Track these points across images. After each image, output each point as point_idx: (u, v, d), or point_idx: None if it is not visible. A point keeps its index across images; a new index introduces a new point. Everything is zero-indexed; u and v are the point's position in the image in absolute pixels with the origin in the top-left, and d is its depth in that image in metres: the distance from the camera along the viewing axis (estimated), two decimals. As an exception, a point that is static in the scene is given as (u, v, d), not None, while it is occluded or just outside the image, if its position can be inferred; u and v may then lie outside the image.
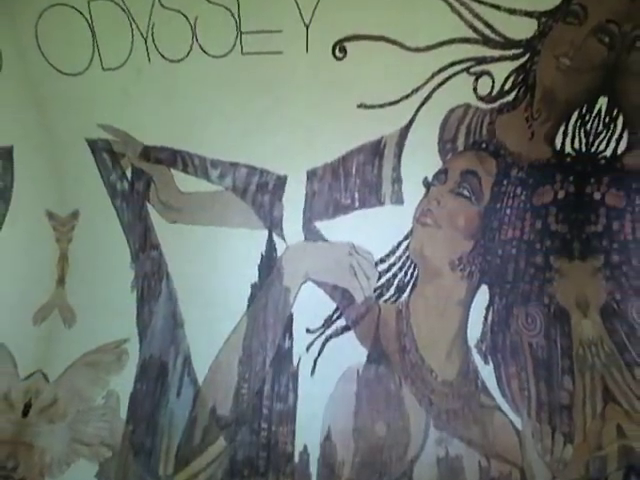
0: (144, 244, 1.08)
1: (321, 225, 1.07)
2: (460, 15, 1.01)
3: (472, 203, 1.01)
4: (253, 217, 1.09)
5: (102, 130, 1.09)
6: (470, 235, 1.02)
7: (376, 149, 1.06)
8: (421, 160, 1.02)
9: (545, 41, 1.03)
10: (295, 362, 1.07)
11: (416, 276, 1.04)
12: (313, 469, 1.03)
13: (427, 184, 1.03)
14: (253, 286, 1.10)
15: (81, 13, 1.05)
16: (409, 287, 1.05)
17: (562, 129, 1.02)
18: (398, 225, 1.04)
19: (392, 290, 1.07)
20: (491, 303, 1.00)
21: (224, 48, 1.02)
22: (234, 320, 1.10)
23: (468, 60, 1.04)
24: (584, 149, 1.03)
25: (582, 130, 1.04)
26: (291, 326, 1.09)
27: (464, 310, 1.00)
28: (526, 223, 1.03)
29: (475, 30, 1.02)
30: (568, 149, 1.03)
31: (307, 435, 1.05)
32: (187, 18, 1.02)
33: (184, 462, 1.09)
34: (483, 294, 0.99)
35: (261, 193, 1.09)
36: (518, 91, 1.05)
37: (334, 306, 1.07)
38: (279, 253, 1.10)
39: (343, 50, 1.01)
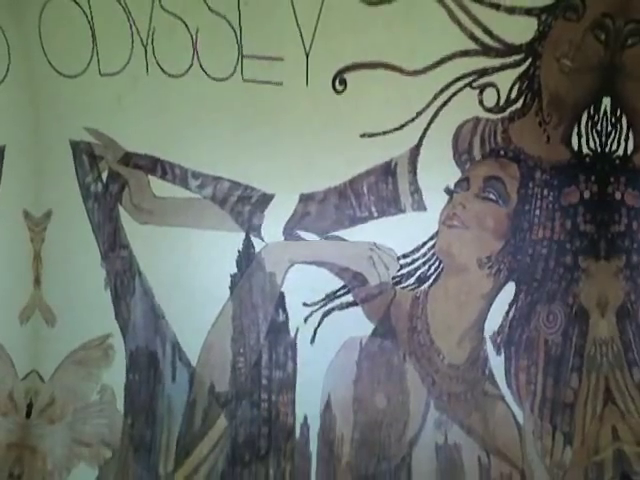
0: (114, 244, 1.16)
1: (341, 234, 1.11)
2: (459, 23, 1.03)
3: (500, 206, 1.05)
4: (229, 222, 1.13)
5: (87, 133, 1.16)
6: (500, 235, 1.06)
7: (387, 170, 1.08)
8: (439, 172, 1.06)
9: (545, 43, 1.04)
10: (292, 333, 1.10)
11: (440, 271, 1.09)
12: (313, 447, 1.08)
13: (449, 192, 1.07)
14: (233, 276, 1.13)
15: (81, 7, 1.11)
16: (431, 279, 1.09)
17: (576, 130, 1.05)
18: (422, 228, 1.08)
19: (413, 280, 1.10)
20: (515, 299, 1.05)
21: (225, 71, 1.08)
22: (218, 306, 1.13)
23: (469, 74, 1.05)
24: (599, 149, 1.05)
25: (594, 130, 1.05)
26: (283, 303, 1.11)
27: (486, 303, 1.06)
28: (556, 223, 1.05)
29: (474, 39, 1.03)
30: (585, 149, 1.05)
31: (307, 405, 1.09)
32: (188, 27, 1.08)
33: (184, 454, 1.14)
34: (508, 290, 1.05)
35: (242, 204, 1.12)
36: (525, 98, 1.06)
37: (338, 284, 1.10)
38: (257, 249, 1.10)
39: (343, 82, 1.06)
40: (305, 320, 1.06)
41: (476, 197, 1.03)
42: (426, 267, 1.06)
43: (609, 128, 1.01)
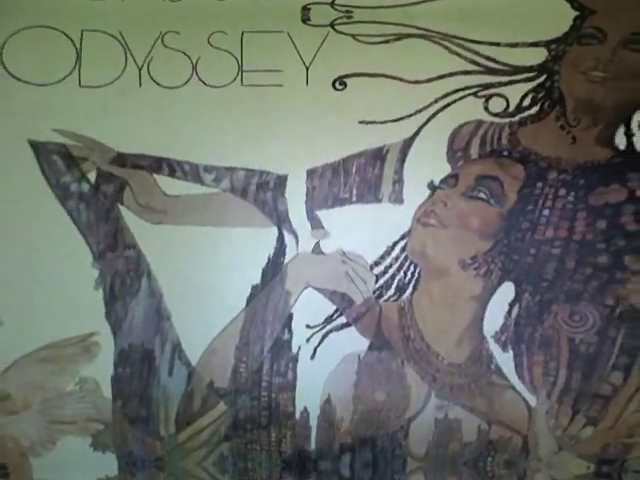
0: (114, 244, 1.13)
1: (320, 214, 1.13)
2: (459, 55, 1.04)
3: (491, 205, 1.06)
4: (257, 215, 1.12)
5: (58, 135, 1.08)
6: (488, 235, 1.06)
7: (378, 154, 1.08)
8: (427, 165, 1.07)
9: (562, 63, 1.03)
10: (295, 350, 1.14)
11: (417, 275, 1.10)
12: (313, 423, 1.13)
13: (433, 187, 1.07)
14: (254, 287, 1.14)
15: (71, 40, 1.07)
16: (410, 286, 1.11)
17: (622, 130, 1.05)
18: (395, 224, 1.09)
19: (392, 290, 1.12)
20: (518, 299, 1.08)
21: (224, 81, 1.06)
22: (230, 315, 1.14)
23: (474, 87, 1.04)
24: None
25: None
26: (290, 323, 1.15)
27: (479, 305, 1.09)
28: (578, 223, 1.06)
29: (477, 64, 1.03)
30: (639, 148, 1.05)
31: (307, 400, 1.14)
32: (189, 57, 1.06)
33: (185, 424, 1.17)
34: (506, 290, 1.09)
35: (263, 191, 1.11)
36: (542, 105, 1.04)
37: (333, 308, 1.14)
38: (287, 257, 1.13)
39: (343, 84, 1.05)
40: (307, 340, 1.10)
41: (462, 195, 1.02)
42: (402, 274, 1.07)
43: None
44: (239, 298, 1.09)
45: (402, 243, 1.06)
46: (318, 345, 1.08)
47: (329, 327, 1.09)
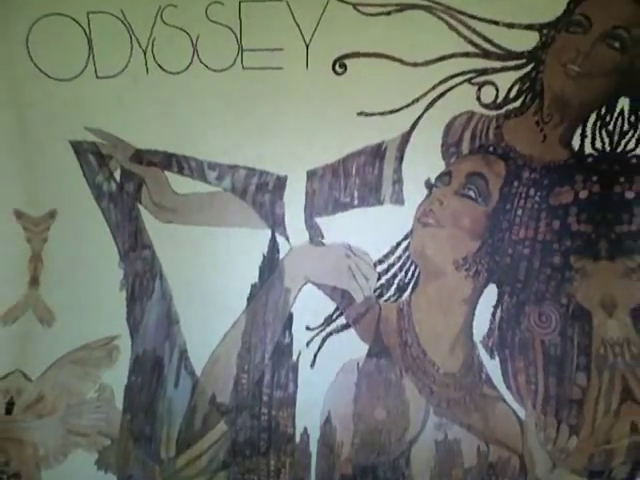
0: (134, 244, 1.21)
1: (320, 222, 1.17)
2: (458, 32, 1.09)
3: (478, 204, 1.09)
4: (254, 216, 1.19)
5: (89, 133, 1.21)
6: (477, 235, 1.10)
7: (377, 152, 1.14)
8: (423, 162, 1.14)
9: (549, 51, 1.08)
10: (295, 356, 1.19)
11: (417, 276, 1.16)
12: (313, 449, 1.17)
13: (429, 185, 1.13)
14: (253, 286, 1.21)
15: (79, 24, 1.17)
16: (410, 287, 1.17)
17: (579, 131, 1.10)
18: (398, 225, 1.14)
19: (392, 290, 1.17)
20: (500, 302, 1.13)
21: (225, 63, 1.15)
22: (232, 318, 1.21)
23: (469, 72, 1.10)
24: (608, 149, 1.10)
25: (604, 131, 1.09)
26: (291, 324, 1.20)
27: (469, 308, 1.15)
28: (541, 223, 1.09)
29: (474, 45, 1.09)
30: (589, 150, 1.11)
31: (307, 419, 1.16)
32: (189, 35, 1.15)
33: (185, 446, 1.20)
34: (491, 293, 1.14)
35: (261, 193, 1.19)
36: (525, 98, 1.10)
37: (334, 306, 1.19)
38: (282, 254, 1.20)
39: (343, 66, 1.12)
40: (307, 344, 1.20)
41: (455, 193, 1.11)
42: (403, 273, 1.17)
43: (626, 127, 1.08)
44: (240, 299, 1.21)
45: (405, 243, 1.14)
46: (318, 350, 1.18)
47: (329, 329, 1.19)
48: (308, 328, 1.16)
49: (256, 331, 1.18)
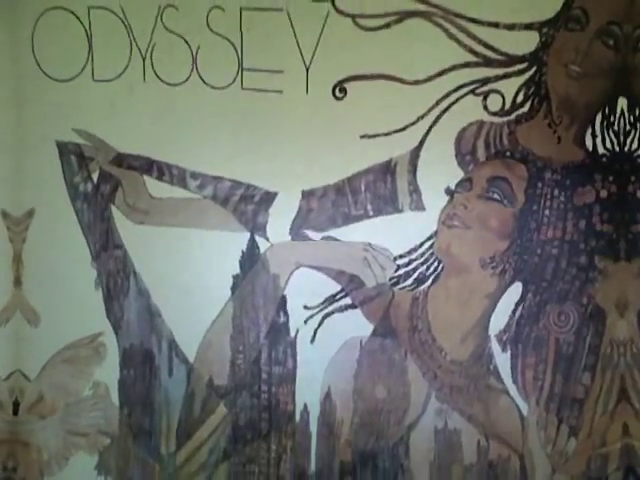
0: (106, 244, 1.23)
1: (335, 232, 1.14)
2: (458, 40, 1.09)
3: (505, 206, 1.11)
4: (233, 222, 1.19)
5: (75, 134, 1.22)
6: (505, 235, 1.11)
7: (386, 169, 1.13)
8: (440, 173, 1.12)
9: (550, 52, 1.08)
10: (293, 333, 1.18)
11: (439, 271, 1.16)
12: (313, 428, 1.16)
13: (450, 192, 1.13)
14: (235, 277, 1.19)
15: (79, 20, 1.15)
16: (430, 280, 1.17)
17: (589, 131, 1.11)
18: (420, 228, 1.14)
19: (410, 281, 1.16)
20: (523, 299, 1.14)
21: (224, 81, 1.14)
22: (217, 306, 1.20)
23: (471, 83, 1.09)
24: (617, 149, 1.10)
25: (610, 130, 1.10)
26: (285, 305, 1.19)
27: (490, 303, 1.15)
28: (568, 223, 1.10)
29: (475, 53, 1.09)
30: (601, 149, 1.12)
31: (307, 395, 1.16)
32: (189, 45, 1.14)
33: (186, 436, 1.21)
34: (515, 290, 1.14)
35: (245, 203, 1.18)
36: (532, 102, 1.10)
37: (337, 287, 1.17)
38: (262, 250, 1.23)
39: (343, 90, 1.11)
40: (305, 322, 1.20)
41: (479, 197, 1.12)
42: (424, 267, 1.17)
43: (627, 127, 1.09)
44: (223, 289, 1.22)
45: (429, 243, 1.14)
46: (318, 327, 1.18)
47: (331, 308, 1.19)
48: (306, 307, 1.16)
49: (246, 315, 1.17)
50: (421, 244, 1.13)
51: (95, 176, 1.22)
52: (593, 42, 1.03)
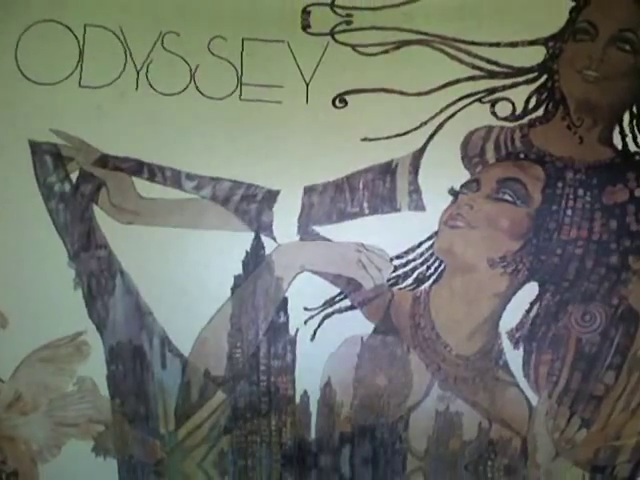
0: (87, 244, 1.19)
1: (326, 229, 1.13)
2: (460, 60, 1.08)
3: (517, 206, 1.09)
4: (235, 221, 1.15)
5: (53, 135, 1.19)
6: (518, 235, 1.09)
7: (386, 169, 1.11)
8: (443, 173, 1.10)
9: (560, 61, 1.07)
10: (292, 332, 1.17)
11: (440, 270, 1.15)
12: (313, 409, 1.16)
13: (454, 193, 1.11)
14: (237, 277, 1.17)
15: (74, 34, 1.13)
16: (431, 280, 1.16)
17: (617, 130, 1.09)
18: (419, 228, 1.12)
19: (410, 281, 1.15)
20: (539, 298, 1.13)
21: (222, 93, 1.13)
22: (214, 304, 1.18)
23: (478, 93, 1.08)
24: None
25: None
26: (286, 306, 1.18)
27: (501, 301, 1.14)
28: (596, 223, 1.08)
29: (479, 69, 1.07)
30: (633, 148, 1.09)
31: (307, 383, 1.14)
32: (188, 64, 1.12)
33: (185, 418, 1.19)
34: (530, 289, 1.14)
35: (247, 202, 1.15)
36: (547, 107, 1.08)
37: (336, 290, 1.16)
38: (267, 251, 1.17)
39: (343, 101, 1.10)
40: (305, 322, 1.19)
41: (487, 198, 1.11)
42: (424, 267, 1.16)
43: None
44: (223, 288, 1.19)
45: (428, 243, 1.12)
46: (318, 327, 1.17)
47: (330, 310, 1.17)
48: (306, 309, 1.14)
49: (246, 314, 1.16)
50: (419, 244, 1.11)
51: (74, 176, 1.18)
52: (607, 49, 1.01)
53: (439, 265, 1.13)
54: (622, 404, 1.09)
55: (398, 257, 1.12)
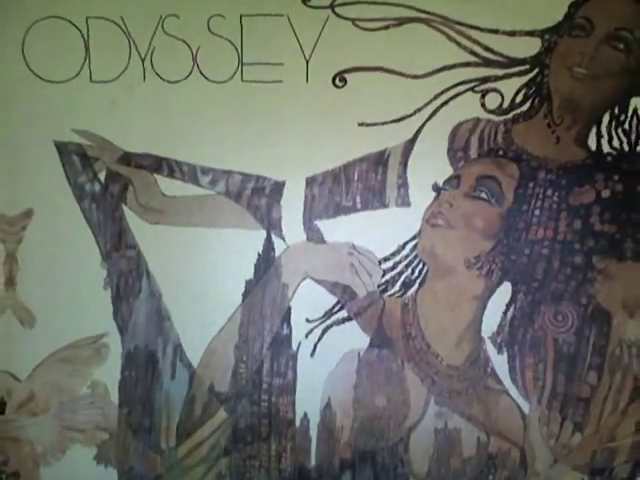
0: (118, 244, 1.22)
1: (321, 225, 1.17)
2: (458, 43, 1.09)
3: (492, 205, 1.11)
4: (249, 219, 1.19)
5: (74, 134, 1.21)
6: (490, 235, 1.11)
7: (379, 159, 1.15)
8: (429, 167, 1.14)
9: (552, 55, 1.08)
10: (294, 346, 1.20)
11: (424, 273, 1.18)
12: (313, 433, 1.19)
13: (437, 189, 1.14)
14: (248, 282, 1.21)
15: (77, 28, 1.16)
16: (416, 283, 1.19)
17: (594, 131, 1.10)
18: (404, 226, 1.16)
19: (398, 286, 1.18)
20: (513, 299, 1.15)
21: (224, 76, 1.15)
22: (227, 312, 1.21)
23: (471, 81, 1.09)
24: (627, 148, 1.10)
25: (619, 130, 1.08)
26: (289, 317, 1.21)
27: (480, 304, 1.16)
28: (561, 223, 1.10)
29: (475, 54, 1.09)
30: (607, 149, 1.11)
31: (307, 405, 1.18)
32: (189, 46, 1.15)
33: (186, 435, 1.22)
34: (505, 290, 1.15)
35: (257, 197, 1.19)
36: (532, 102, 1.10)
37: (334, 300, 1.20)
38: (277, 252, 1.20)
39: (343, 80, 1.12)
40: (306, 335, 1.21)
41: (465, 196, 1.13)
42: (409, 271, 1.19)
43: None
44: (235, 294, 1.24)
45: (412, 243, 1.16)
46: (318, 341, 1.19)
47: (329, 321, 1.21)
48: (308, 320, 1.17)
49: (253, 324, 1.20)
50: (404, 245, 1.13)
51: (102, 176, 1.22)
52: (600, 46, 1.03)
53: (422, 267, 1.15)
54: (610, 405, 1.09)
55: (385, 259, 1.15)
